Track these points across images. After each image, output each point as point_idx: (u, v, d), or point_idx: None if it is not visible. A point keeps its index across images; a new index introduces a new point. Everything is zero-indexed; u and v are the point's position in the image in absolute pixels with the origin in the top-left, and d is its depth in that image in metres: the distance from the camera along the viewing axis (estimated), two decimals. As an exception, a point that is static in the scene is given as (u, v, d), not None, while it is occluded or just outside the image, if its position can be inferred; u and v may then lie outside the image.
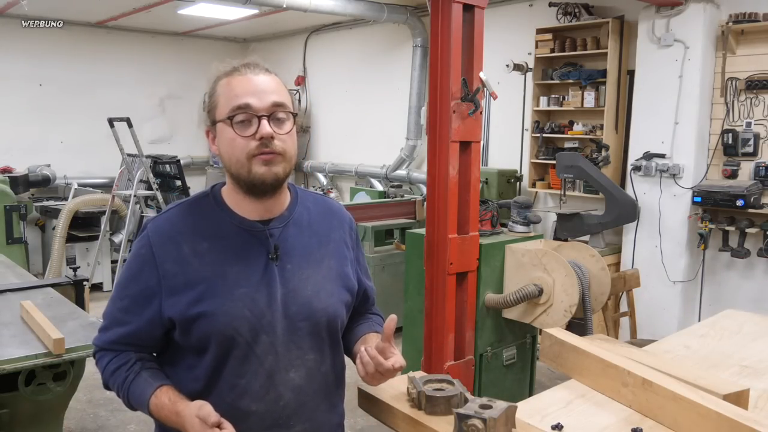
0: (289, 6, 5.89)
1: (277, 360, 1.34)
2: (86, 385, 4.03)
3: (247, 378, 1.32)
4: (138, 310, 1.34)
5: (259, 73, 1.33)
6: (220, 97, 1.33)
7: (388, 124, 7.34)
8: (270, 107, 1.30)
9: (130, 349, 1.38)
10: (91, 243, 6.51)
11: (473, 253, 3.15)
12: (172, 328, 1.33)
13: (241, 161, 1.30)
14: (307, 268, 1.39)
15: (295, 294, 1.36)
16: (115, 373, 1.36)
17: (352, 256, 1.51)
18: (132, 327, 1.35)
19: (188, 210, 1.39)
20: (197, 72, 8.78)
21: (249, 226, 1.36)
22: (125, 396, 1.36)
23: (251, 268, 1.33)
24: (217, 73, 1.37)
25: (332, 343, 1.44)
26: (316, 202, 1.49)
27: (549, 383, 3.70)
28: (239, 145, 1.29)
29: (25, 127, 7.61)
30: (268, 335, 1.33)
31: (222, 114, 1.32)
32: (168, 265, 1.32)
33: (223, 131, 1.32)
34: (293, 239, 1.39)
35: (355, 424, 3.65)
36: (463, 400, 1.45)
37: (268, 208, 1.38)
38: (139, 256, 1.35)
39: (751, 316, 2.46)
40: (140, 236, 1.38)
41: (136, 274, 1.35)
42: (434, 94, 3.04)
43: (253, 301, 1.32)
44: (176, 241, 1.33)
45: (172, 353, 1.38)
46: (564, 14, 5.38)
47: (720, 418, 1.35)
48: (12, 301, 2.79)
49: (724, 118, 4.51)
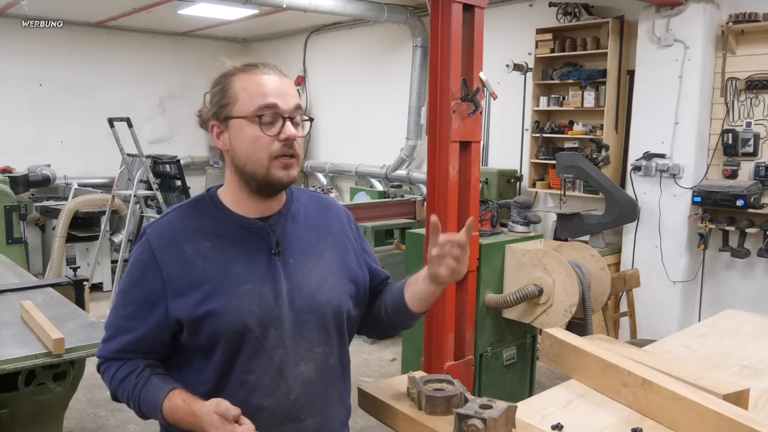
0: (289, 6, 5.90)
1: (286, 354, 1.35)
2: (86, 385, 4.04)
3: (257, 373, 1.33)
4: (143, 316, 1.33)
5: (280, 75, 1.36)
6: (240, 93, 1.32)
7: (388, 124, 7.34)
8: (293, 110, 1.33)
9: (137, 356, 1.36)
10: (91, 243, 6.51)
11: (473, 253, 3.15)
12: (179, 330, 1.33)
13: (262, 160, 1.31)
14: (308, 262, 1.40)
15: (300, 288, 1.37)
16: (124, 382, 1.35)
17: (356, 245, 1.52)
18: (138, 333, 1.34)
19: (186, 212, 1.40)
20: (197, 72, 8.79)
21: (249, 224, 1.37)
22: (136, 404, 1.34)
23: (255, 264, 1.35)
24: (230, 69, 1.35)
25: (339, 335, 1.45)
26: (310, 198, 1.52)
27: (549, 383, 3.70)
28: (263, 144, 1.30)
29: (25, 127, 7.61)
30: (276, 329, 1.34)
31: (244, 111, 1.31)
32: (171, 267, 1.32)
33: (243, 128, 1.31)
34: (292, 234, 1.41)
35: (355, 424, 3.65)
36: (463, 400, 1.45)
37: (269, 205, 1.39)
38: (141, 261, 1.35)
39: (751, 316, 2.46)
40: (139, 242, 1.37)
41: (139, 279, 1.34)
42: (434, 94, 3.04)
43: (260, 296, 1.33)
44: (178, 243, 1.33)
45: (179, 358, 1.38)
46: (564, 14, 5.38)
47: (720, 418, 1.35)
48: (12, 301, 2.79)
49: (724, 118, 4.51)
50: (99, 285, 6.51)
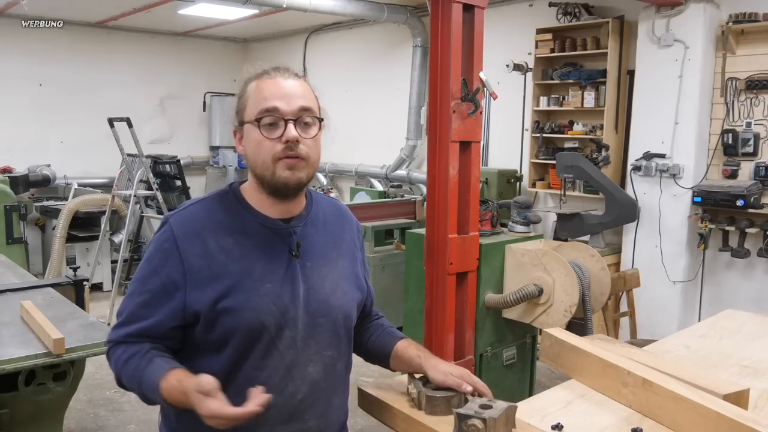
0: (289, 6, 5.90)
1: (297, 355, 1.36)
2: (86, 385, 4.04)
3: (267, 372, 1.34)
4: (159, 304, 1.33)
5: (288, 78, 1.37)
6: (249, 99, 1.36)
7: (388, 124, 7.34)
8: (297, 111, 1.33)
9: (145, 341, 1.35)
10: (91, 243, 6.52)
11: (473, 253, 3.14)
12: (194, 323, 1.33)
13: (266, 163, 1.33)
14: (324, 266, 1.43)
15: (315, 291, 1.39)
16: (128, 363, 1.33)
17: (361, 257, 1.57)
18: (151, 321, 1.33)
19: (211, 206, 1.40)
20: (197, 72, 8.80)
21: (272, 224, 1.39)
22: (138, 385, 1.31)
23: (275, 265, 1.36)
24: (248, 76, 1.39)
25: (347, 340, 1.48)
26: (329, 204, 1.55)
27: (549, 383, 3.70)
28: (265, 147, 1.32)
29: (25, 127, 7.61)
30: (291, 330, 1.36)
31: (250, 115, 1.34)
32: (194, 259, 1.32)
33: (250, 132, 1.35)
34: (311, 238, 1.43)
35: (355, 424, 3.65)
36: (463, 400, 1.45)
37: (289, 208, 1.41)
38: (162, 250, 1.34)
39: (751, 316, 2.45)
40: (161, 231, 1.37)
41: (159, 267, 1.34)
42: (434, 94, 3.04)
43: (278, 296, 1.34)
44: (201, 236, 1.34)
45: (188, 351, 1.37)
46: (564, 14, 5.38)
47: (720, 418, 1.35)
48: (12, 301, 2.79)
49: (724, 118, 4.51)
50: (99, 285, 6.51)
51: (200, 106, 9.02)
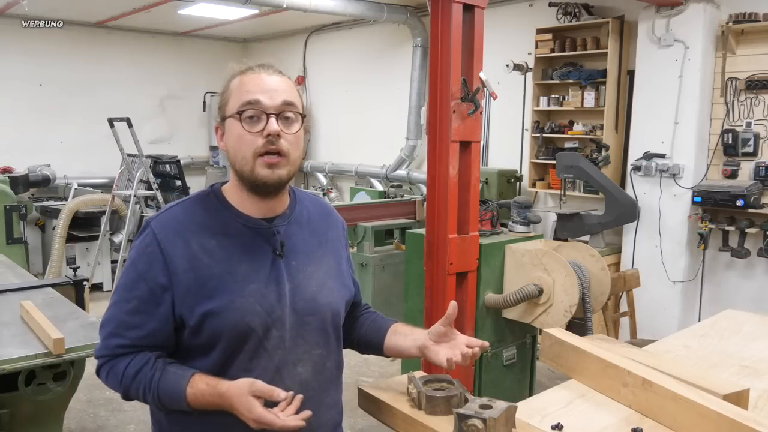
0: (289, 6, 5.90)
1: (285, 355, 1.35)
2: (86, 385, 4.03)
3: (256, 373, 1.32)
4: (150, 310, 1.30)
5: (272, 74, 1.35)
6: (231, 93, 1.34)
7: (388, 124, 7.34)
8: (279, 106, 1.32)
9: (146, 350, 1.33)
10: (91, 243, 6.51)
11: (473, 253, 3.15)
12: (181, 326, 1.32)
13: (246, 158, 1.31)
14: (309, 265, 1.42)
15: (301, 290, 1.38)
16: (138, 376, 1.31)
17: (346, 254, 1.56)
18: (149, 327, 1.31)
19: (192, 208, 1.39)
20: (197, 72, 8.79)
21: (254, 224, 1.37)
22: (155, 396, 1.30)
23: (259, 265, 1.35)
24: (232, 72, 1.37)
25: (336, 338, 1.47)
26: (313, 202, 1.53)
27: (549, 383, 3.70)
28: (246, 141, 1.30)
29: (25, 127, 7.61)
30: (278, 330, 1.34)
31: (231, 109, 1.33)
32: (178, 261, 1.30)
33: (231, 126, 1.33)
34: (295, 237, 1.42)
35: (355, 424, 3.65)
36: (463, 400, 1.45)
37: (271, 206, 1.40)
38: (146, 254, 1.32)
39: (751, 316, 2.45)
40: (143, 234, 1.35)
41: (144, 272, 1.31)
42: (434, 94, 3.04)
43: (263, 296, 1.33)
44: (184, 238, 1.32)
45: (177, 356, 1.36)
46: (564, 14, 5.38)
47: (720, 418, 1.35)
48: (12, 301, 2.79)
49: (724, 118, 4.51)
50: (99, 285, 6.51)
51: (200, 106, 9.02)
